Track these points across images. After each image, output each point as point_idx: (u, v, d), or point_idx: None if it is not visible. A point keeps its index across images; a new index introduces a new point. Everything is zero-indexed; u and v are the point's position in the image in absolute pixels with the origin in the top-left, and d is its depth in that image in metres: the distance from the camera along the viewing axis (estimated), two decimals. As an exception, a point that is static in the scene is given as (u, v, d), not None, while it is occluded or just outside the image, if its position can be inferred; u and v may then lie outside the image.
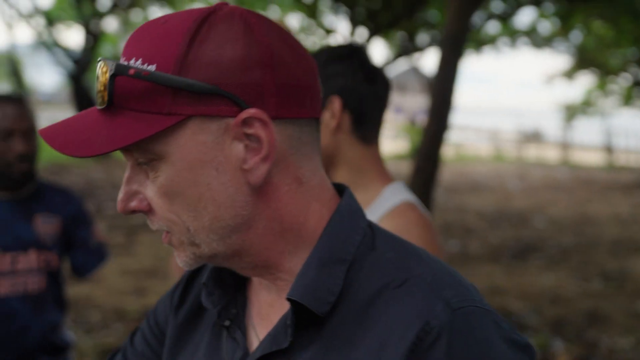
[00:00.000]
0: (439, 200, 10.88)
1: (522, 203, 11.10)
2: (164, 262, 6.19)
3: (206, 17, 0.65)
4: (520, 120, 28.38)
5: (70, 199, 2.05)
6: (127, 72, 0.62)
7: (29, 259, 1.87)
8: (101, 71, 0.63)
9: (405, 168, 9.73)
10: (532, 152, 22.58)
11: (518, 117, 27.18)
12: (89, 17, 12.94)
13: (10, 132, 1.80)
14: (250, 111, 0.63)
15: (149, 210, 0.67)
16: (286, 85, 0.65)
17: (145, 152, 0.65)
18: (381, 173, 1.33)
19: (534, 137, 28.56)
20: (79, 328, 4.43)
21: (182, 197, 0.65)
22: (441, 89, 4.66)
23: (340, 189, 0.74)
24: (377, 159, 1.33)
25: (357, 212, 0.72)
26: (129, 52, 0.65)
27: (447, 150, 21.38)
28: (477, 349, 0.61)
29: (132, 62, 0.63)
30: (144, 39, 0.65)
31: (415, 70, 21.18)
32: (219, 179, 0.64)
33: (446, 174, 15.46)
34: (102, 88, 0.63)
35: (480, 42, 12.68)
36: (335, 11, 10.43)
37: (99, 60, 0.64)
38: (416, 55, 12.27)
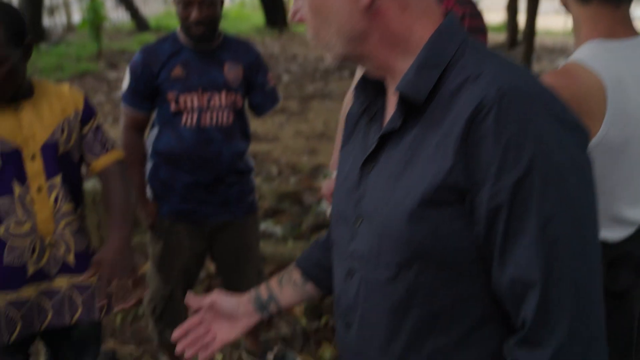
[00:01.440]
0: None
1: None
2: (332, 126, 6.73)
3: None
4: None
5: (250, 49, 2.46)
6: None
7: (221, 98, 2.33)
8: None
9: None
10: None
11: None
12: None
13: (189, 2, 2.22)
14: None
15: (305, 21, 1.00)
16: None
17: None
18: (592, 30, 1.45)
19: None
20: (260, 177, 5.16)
21: (319, 13, 0.94)
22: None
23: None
24: (590, 19, 1.46)
25: (454, 29, 0.92)
26: None
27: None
28: (520, 119, 0.80)
29: None
30: None
31: None
32: (340, 2, 0.91)
33: None
34: None
35: None
36: None
37: None
38: None
